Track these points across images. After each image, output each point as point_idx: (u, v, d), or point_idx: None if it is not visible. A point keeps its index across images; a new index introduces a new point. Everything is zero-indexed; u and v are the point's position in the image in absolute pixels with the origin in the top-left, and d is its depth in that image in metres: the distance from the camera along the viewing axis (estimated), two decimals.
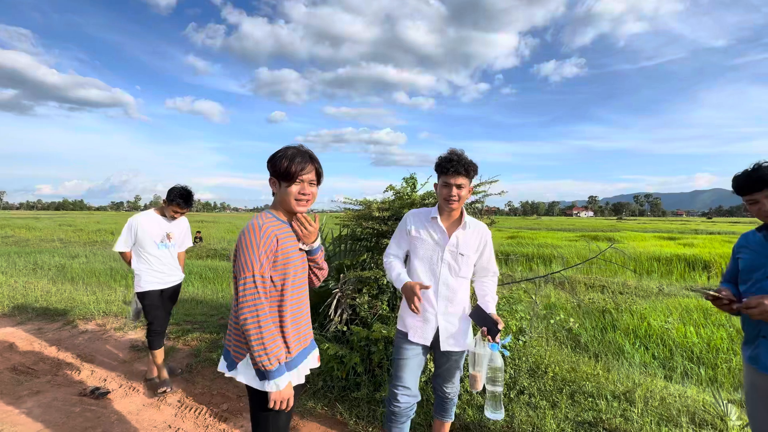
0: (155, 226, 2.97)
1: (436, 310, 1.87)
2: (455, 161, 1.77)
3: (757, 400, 1.57)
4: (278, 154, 1.43)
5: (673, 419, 2.56)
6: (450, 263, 1.87)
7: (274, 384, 1.32)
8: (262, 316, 1.30)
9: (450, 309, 1.89)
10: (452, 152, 1.82)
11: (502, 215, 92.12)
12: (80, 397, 2.89)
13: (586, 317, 5.46)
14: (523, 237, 18.52)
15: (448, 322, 1.89)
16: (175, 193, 2.88)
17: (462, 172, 1.78)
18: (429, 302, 1.88)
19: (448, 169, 1.78)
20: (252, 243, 1.34)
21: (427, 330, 1.88)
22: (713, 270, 10.17)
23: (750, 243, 1.62)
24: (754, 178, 1.51)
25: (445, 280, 1.87)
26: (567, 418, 2.56)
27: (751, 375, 1.59)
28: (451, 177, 1.79)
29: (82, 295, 5.97)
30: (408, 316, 1.92)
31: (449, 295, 1.88)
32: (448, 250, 1.87)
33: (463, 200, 1.83)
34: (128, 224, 2.94)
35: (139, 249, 2.94)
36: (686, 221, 66.57)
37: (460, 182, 1.79)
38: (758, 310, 1.42)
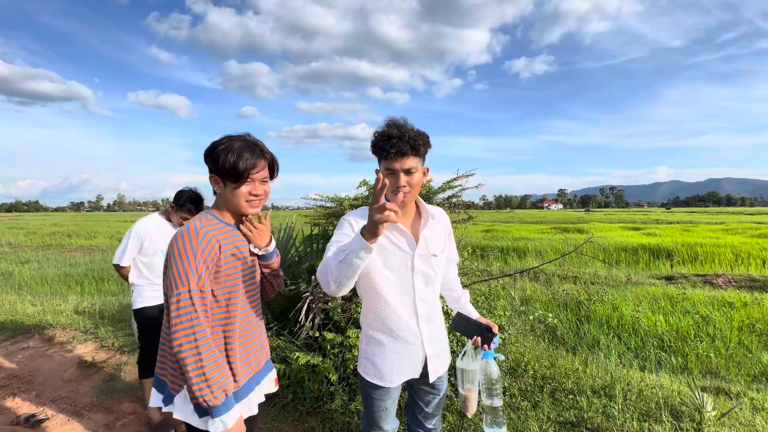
0: (163, 233, 2.62)
1: (421, 337, 1.42)
2: (395, 138, 1.27)
3: None
4: (220, 146, 1.17)
5: (653, 414, 2.53)
6: (424, 271, 1.40)
7: (220, 422, 1.08)
8: (201, 340, 1.07)
9: (433, 328, 1.47)
10: (391, 124, 1.31)
11: (477, 209, 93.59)
12: (12, 427, 2.53)
13: (560, 309, 5.51)
14: (497, 230, 18.80)
15: (434, 344, 1.46)
16: (185, 197, 2.53)
17: (408, 152, 1.28)
18: (411, 331, 1.41)
19: (388, 151, 1.27)
20: (187, 251, 1.10)
21: (416, 366, 1.44)
22: (676, 258, 10.64)
23: None
24: None
25: (422, 295, 1.41)
26: (549, 419, 2.48)
27: None
28: (394, 161, 1.28)
29: (27, 305, 5.41)
30: (386, 361, 1.40)
31: (428, 311, 1.44)
32: (419, 256, 1.39)
33: (417, 188, 1.35)
34: (134, 233, 2.54)
35: (140, 259, 2.57)
36: (648, 212, 70.29)
37: (409, 165, 1.29)
38: None
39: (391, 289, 1.38)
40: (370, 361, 1.44)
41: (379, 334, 1.42)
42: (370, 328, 1.46)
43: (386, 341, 1.41)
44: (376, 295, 1.40)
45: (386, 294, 1.38)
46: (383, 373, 1.41)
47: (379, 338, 1.42)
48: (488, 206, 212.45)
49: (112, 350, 3.85)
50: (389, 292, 1.38)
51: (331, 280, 1.20)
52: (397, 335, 1.40)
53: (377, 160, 1.37)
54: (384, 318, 1.40)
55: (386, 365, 1.41)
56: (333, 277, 1.19)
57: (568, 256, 9.40)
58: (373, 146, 1.35)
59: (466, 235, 3.39)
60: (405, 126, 1.31)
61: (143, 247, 2.55)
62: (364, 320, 1.49)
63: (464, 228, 3.37)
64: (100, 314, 5.00)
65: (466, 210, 3.41)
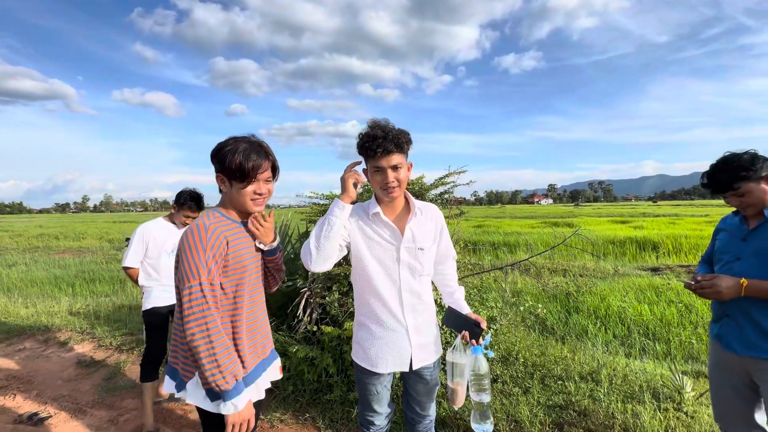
0: (168, 235, 2.70)
1: (406, 325, 1.50)
2: (380, 138, 1.37)
3: (720, 376, 1.64)
4: (227, 147, 1.24)
5: (636, 395, 2.67)
6: (410, 263, 1.50)
7: (232, 405, 1.16)
8: (212, 329, 1.15)
9: (419, 318, 1.54)
10: (374, 126, 1.41)
11: (468, 205, 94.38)
12: (15, 425, 2.56)
13: (551, 301, 5.67)
14: (489, 225, 19.04)
15: (421, 334, 1.54)
16: (185, 196, 2.64)
17: (393, 149, 1.38)
18: (396, 319, 1.50)
19: (374, 150, 1.37)
20: (197, 246, 1.17)
21: (402, 355, 1.51)
22: (661, 250, 10.95)
23: (727, 225, 1.65)
24: (731, 170, 1.44)
25: (408, 285, 1.50)
26: (539, 403, 2.60)
27: (715, 352, 1.65)
28: (381, 159, 1.38)
29: (20, 307, 5.38)
30: (373, 347, 1.51)
31: (415, 302, 1.52)
32: (404, 248, 1.48)
33: (404, 183, 1.45)
34: (139, 235, 2.63)
35: (148, 261, 2.65)
36: (635, 205, 71.60)
37: (395, 162, 1.40)
38: (711, 290, 1.45)
39: (378, 279, 1.48)
40: (360, 346, 1.55)
41: (369, 321, 1.53)
42: (360, 315, 1.57)
43: (374, 328, 1.51)
44: (366, 283, 1.51)
45: (375, 283, 1.48)
46: (371, 357, 1.51)
47: (369, 325, 1.53)
48: (479, 202, 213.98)
49: (110, 349, 3.87)
50: (377, 281, 1.48)
51: (312, 246, 1.39)
52: (384, 323, 1.50)
53: (364, 160, 1.47)
54: (373, 306, 1.51)
55: (373, 351, 1.51)
56: (313, 241, 1.39)
57: (558, 251, 9.61)
58: (360, 147, 1.44)
59: (458, 230, 3.49)
60: (387, 126, 1.42)
61: (148, 249, 2.63)
62: (357, 308, 1.59)
63: (456, 223, 3.47)
64: (96, 314, 5.00)
65: (458, 206, 3.51)
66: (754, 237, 1.50)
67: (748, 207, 1.50)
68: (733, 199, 1.51)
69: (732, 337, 1.53)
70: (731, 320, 1.53)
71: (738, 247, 1.54)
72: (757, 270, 1.45)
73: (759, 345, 1.45)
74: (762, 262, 1.45)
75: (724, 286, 1.43)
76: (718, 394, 1.66)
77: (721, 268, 1.59)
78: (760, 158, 1.45)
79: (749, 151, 1.48)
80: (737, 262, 1.52)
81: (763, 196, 1.45)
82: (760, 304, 1.44)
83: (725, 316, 1.56)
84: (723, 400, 1.63)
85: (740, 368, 1.54)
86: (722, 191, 1.52)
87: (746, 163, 1.44)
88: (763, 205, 1.47)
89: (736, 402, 1.58)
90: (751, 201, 1.47)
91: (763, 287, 1.40)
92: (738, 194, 1.48)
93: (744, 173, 1.44)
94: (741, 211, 1.56)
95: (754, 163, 1.44)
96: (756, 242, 1.49)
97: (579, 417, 2.45)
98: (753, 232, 1.51)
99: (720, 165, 1.50)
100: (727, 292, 1.43)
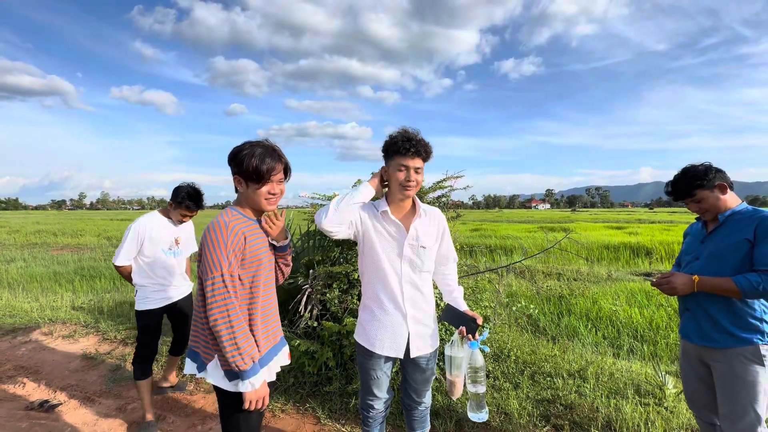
0: (164, 231, 2.57)
1: (405, 313, 1.65)
2: (414, 141, 1.57)
3: (686, 366, 1.81)
4: (244, 151, 1.38)
5: (621, 391, 2.81)
6: (411, 259, 1.65)
7: (249, 383, 1.30)
8: (233, 316, 1.28)
9: (418, 309, 1.68)
10: (407, 131, 1.60)
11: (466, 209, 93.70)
12: (27, 412, 2.67)
13: (544, 303, 5.82)
14: (485, 229, 19.22)
15: (419, 324, 1.68)
16: (182, 193, 2.46)
17: (421, 154, 1.59)
18: (396, 306, 1.65)
19: (407, 149, 1.56)
20: (219, 241, 1.30)
21: (398, 340, 1.65)
22: (654, 256, 11.13)
23: (692, 230, 1.86)
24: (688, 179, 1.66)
25: (408, 278, 1.65)
26: (528, 397, 2.74)
27: (682, 344, 1.84)
28: (409, 159, 1.57)
29: (23, 302, 5.47)
30: (372, 327, 1.67)
31: (415, 294, 1.67)
32: (408, 245, 1.64)
33: (418, 186, 1.64)
34: (134, 231, 2.48)
35: (143, 259, 2.52)
36: (631, 212, 72.08)
37: (418, 165, 1.60)
38: (668, 287, 1.65)
39: (383, 269, 1.65)
40: (362, 326, 1.72)
41: (372, 304, 1.69)
42: (366, 298, 1.73)
43: (376, 311, 1.68)
44: (373, 271, 1.68)
45: (380, 272, 1.66)
46: (370, 338, 1.67)
47: (372, 307, 1.69)
48: (477, 206, 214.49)
49: (114, 342, 3.98)
50: (382, 271, 1.65)
51: (332, 206, 1.56)
52: (385, 307, 1.66)
53: (389, 158, 1.63)
54: (377, 291, 1.67)
55: (372, 331, 1.67)
56: (333, 204, 1.57)
57: (553, 255, 9.77)
58: (392, 144, 1.61)
59: (455, 232, 3.63)
60: (419, 135, 1.62)
61: (143, 246, 2.50)
62: (363, 292, 1.76)
63: (453, 226, 3.61)
64: (99, 309, 5.10)
65: (455, 209, 3.65)
66: (710, 240, 1.69)
67: (706, 212, 1.68)
68: (692, 205, 1.71)
69: (690, 329, 1.71)
70: (690, 314, 1.71)
71: (697, 249, 1.73)
72: (709, 268, 1.63)
73: (711, 335, 1.62)
74: (713, 262, 1.63)
75: (678, 282, 1.62)
76: (686, 381, 1.83)
77: (683, 268, 1.77)
78: (713, 169, 1.64)
79: (704, 163, 1.68)
80: (696, 262, 1.70)
81: (716, 202, 1.64)
82: (713, 299, 1.61)
83: (686, 310, 1.73)
84: (690, 387, 1.81)
85: (699, 357, 1.71)
86: (682, 198, 1.71)
87: (700, 174, 1.63)
88: (717, 210, 1.65)
89: (701, 388, 1.74)
90: (706, 207, 1.66)
91: (712, 283, 1.57)
92: (695, 200, 1.67)
93: (698, 182, 1.63)
94: (701, 216, 1.75)
95: (707, 174, 1.63)
96: (711, 244, 1.67)
97: (565, 410, 2.58)
98: (709, 236, 1.69)
99: (680, 175, 1.71)
100: (681, 288, 1.62)
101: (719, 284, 1.55)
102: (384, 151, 1.66)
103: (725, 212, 1.64)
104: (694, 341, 1.69)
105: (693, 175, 1.65)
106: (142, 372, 2.50)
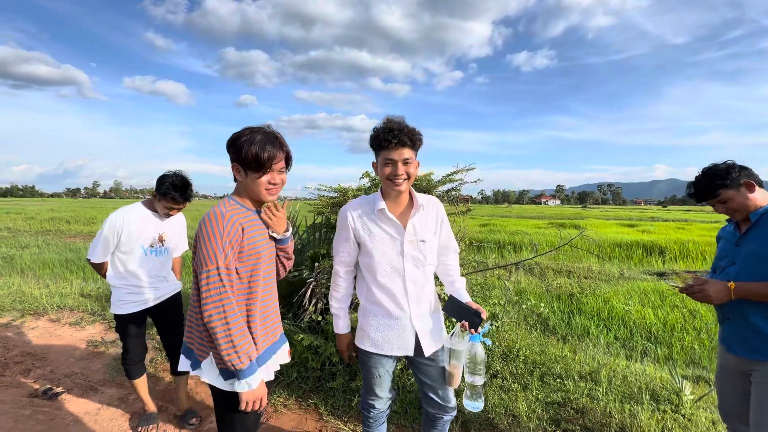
0: (147, 226, 2.26)
1: (410, 314, 1.58)
2: (396, 131, 1.44)
3: (725, 378, 1.68)
4: (243, 138, 1.28)
5: (635, 396, 2.70)
6: (413, 255, 1.57)
7: (246, 383, 1.23)
8: (229, 311, 1.21)
9: (423, 307, 1.62)
10: (389, 121, 1.49)
11: (475, 203, 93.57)
12: (30, 399, 2.67)
13: (554, 301, 5.68)
14: (495, 224, 18.99)
15: (424, 322, 1.62)
16: (167, 183, 2.15)
17: (407, 143, 1.45)
18: (400, 308, 1.58)
19: (389, 141, 1.44)
20: (215, 232, 1.22)
21: (406, 339, 1.59)
22: (668, 254, 10.86)
23: (725, 233, 1.74)
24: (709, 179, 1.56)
25: (412, 276, 1.58)
26: (537, 400, 2.65)
27: (721, 354, 1.70)
28: (393, 151, 1.45)
29: (33, 288, 5.53)
30: (377, 332, 1.60)
31: (419, 292, 1.60)
32: (408, 242, 1.56)
33: (412, 178, 1.52)
34: (110, 225, 2.16)
35: (118, 256, 2.22)
36: (644, 209, 70.79)
37: (406, 156, 1.47)
38: (701, 295, 1.53)
39: (383, 271, 1.57)
40: (364, 331, 1.64)
41: (374, 308, 1.61)
42: (367, 302, 1.65)
43: (379, 315, 1.60)
44: (371, 275, 1.60)
45: (379, 274, 1.57)
46: (375, 341, 1.61)
47: (374, 312, 1.61)
48: (486, 201, 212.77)
49: None
50: (382, 273, 1.57)
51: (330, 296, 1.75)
52: (388, 311, 1.58)
53: (375, 152, 1.54)
54: (377, 295, 1.59)
55: (378, 336, 1.60)
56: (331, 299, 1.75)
57: (564, 252, 9.59)
58: (374, 138, 1.50)
59: (464, 228, 3.52)
60: (403, 122, 1.49)
61: (120, 241, 2.20)
62: (362, 295, 1.67)
63: (462, 221, 3.50)
64: (106, 297, 5.13)
65: (465, 203, 3.54)
66: (744, 241, 1.56)
67: (735, 213, 1.57)
68: (718, 206, 1.60)
69: (733, 340, 1.58)
70: (732, 323, 1.58)
71: (732, 252, 1.60)
72: (747, 272, 1.50)
73: (757, 347, 1.49)
74: (751, 265, 1.50)
75: (712, 290, 1.50)
76: (723, 395, 1.70)
77: (718, 275, 1.64)
78: (736, 167, 1.54)
79: (727, 162, 1.58)
80: (732, 266, 1.58)
81: (744, 201, 1.52)
82: (755, 307, 1.48)
83: (726, 319, 1.60)
84: (728, 401, 1.68)
85: (742, 370, 1.58)
86: (704, 199, 1.62)
87: (722, 172, 1.54)
88: (747, 210, 1.53)
89: (742, 403, 1.61)
90: (734, 207, 1.55)
91: (751, 289, 1.45)
92: (720, 201, 1.57)
93: (720, 182, 1.54)
94: (731, 218, 1.63)
95: (730, 172, 1.53)
96: (746, 246, 1.55)
97: (576, 414, 2.49)
98: (743, 237, 1.57)
99: (701, 175, 1.61)
100: (716, 296, 1.50)
101: (759, 289, 1.43)
102: (371, 147, 1.55)
103: (758, 210, 1.52)
104: (737, 353, 1.56)
105: (714, 174, 1.55)
106: (134, 373, 2.36)
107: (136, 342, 2.35)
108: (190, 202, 2.31)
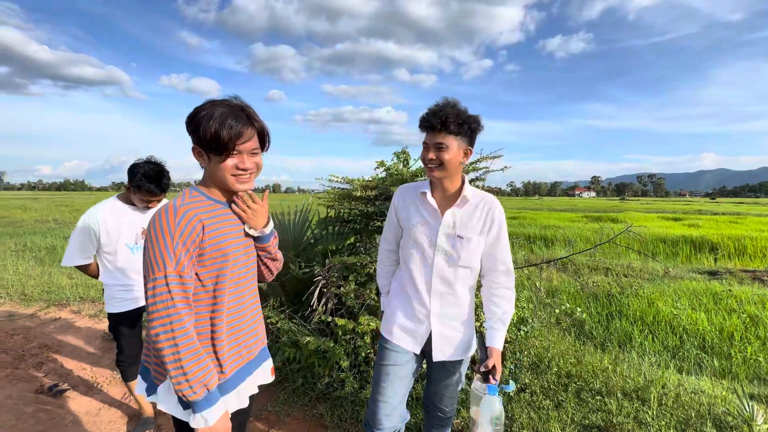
0: (125, 221, 2.09)
1: (428, 310, 1.47)
2: (433, 113, 1.35)
3: None
4: (201, 112, 1.02)
5: (693, 423, 2.29)
6: (446, 249, 1.44)
7: (201, 418, 0.99)
8: (178, 330, 0.96)
9: (447, 308, 1.48)
10: (437, 103, 1.39)
11: (504, 195, 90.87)
12: (36, 395, 2.63)
13: (590, 302, 5.19)
14: (524, 217, 18.16)
15: (444, 324, 1.48)
16: (139, 175, 1.95)
17: (438, 128, 1.34)
18: (419, 300, 1.48)
19: (421, 124, 1.40)
20: (164, 232, 0.98)
21: (416, 334, 1.49)
22: (720, 252, 9.85)
23: None
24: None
25: (440, 271, 1.45)
26: (573, 421, 2.30)
27: None
28: (427, 135, 1.39)
29: (63, 278, 5.70)
30: (392, 314, 1.55)
31: (445, 290, 1.47)
32: (443, 233, 1.44)
33: (451, 166, 1.37)
34: (83, 226, 2.02)
35: (105, 256, 2.09)
36: (689, 201, 66.01)
37: (440, 141, 1.35)
38: None
39: (414, 258, 1.50)
40: (386, 317, 1.60)
41: (399, 290, 1.58)
42: (395, 282, 1.63)
43: (401, 299, 1.55)
44: (404, 261, 1.55)
45: (410, 263, 1.51)
46: (389, 326, 1.55)
47: (399, 299, 1.57)
48: (516, 193, 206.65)
49: None
50: (413, 261, 1.50)
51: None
52: (409, 299, 1.52)
53: None
54: (405, 281, 1.54)
55: (393, 320, 1.55)
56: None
57: (600, 247, 8.91)
58: (420, 121, 1.43)
59: None
60: (448, 105, 1.37)
61: (101, 242, 2.05)
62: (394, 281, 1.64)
63: None
64: None
65: (493, 194, 3.18)
66: None
67: None
68: None
69: None
70: None
71: None
72: None
73: None
74: None
75: None
76: None
77: None
78: None
79: None
80: None
81: None
82: None
83: None
84: None
85: None
86: None
87: None
88: None
89: None
90: None
91: None
92: None
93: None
94: None
95: None
96: None
97: None
98: None
99: None
100: None
101: None
102: None
103: None
104: None
105: None
106: (129, 375, 2.25)
107: (130, 342, 2.24)
108: (167, 192, 2.09)
